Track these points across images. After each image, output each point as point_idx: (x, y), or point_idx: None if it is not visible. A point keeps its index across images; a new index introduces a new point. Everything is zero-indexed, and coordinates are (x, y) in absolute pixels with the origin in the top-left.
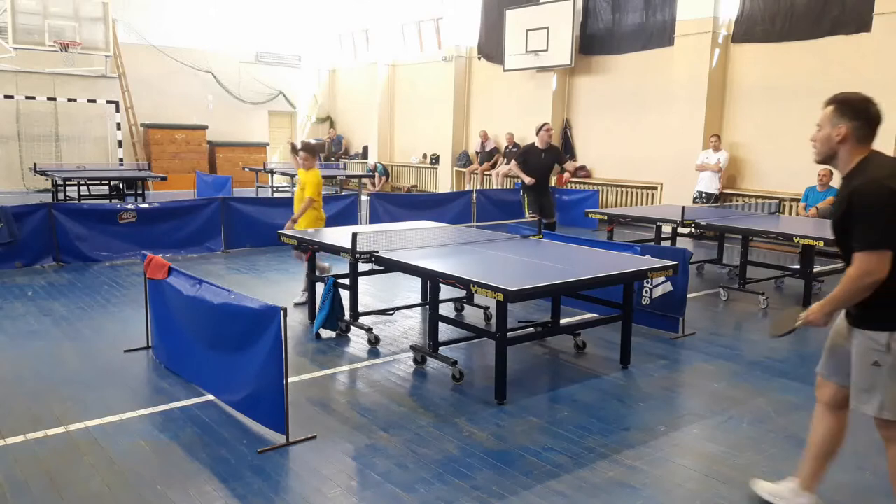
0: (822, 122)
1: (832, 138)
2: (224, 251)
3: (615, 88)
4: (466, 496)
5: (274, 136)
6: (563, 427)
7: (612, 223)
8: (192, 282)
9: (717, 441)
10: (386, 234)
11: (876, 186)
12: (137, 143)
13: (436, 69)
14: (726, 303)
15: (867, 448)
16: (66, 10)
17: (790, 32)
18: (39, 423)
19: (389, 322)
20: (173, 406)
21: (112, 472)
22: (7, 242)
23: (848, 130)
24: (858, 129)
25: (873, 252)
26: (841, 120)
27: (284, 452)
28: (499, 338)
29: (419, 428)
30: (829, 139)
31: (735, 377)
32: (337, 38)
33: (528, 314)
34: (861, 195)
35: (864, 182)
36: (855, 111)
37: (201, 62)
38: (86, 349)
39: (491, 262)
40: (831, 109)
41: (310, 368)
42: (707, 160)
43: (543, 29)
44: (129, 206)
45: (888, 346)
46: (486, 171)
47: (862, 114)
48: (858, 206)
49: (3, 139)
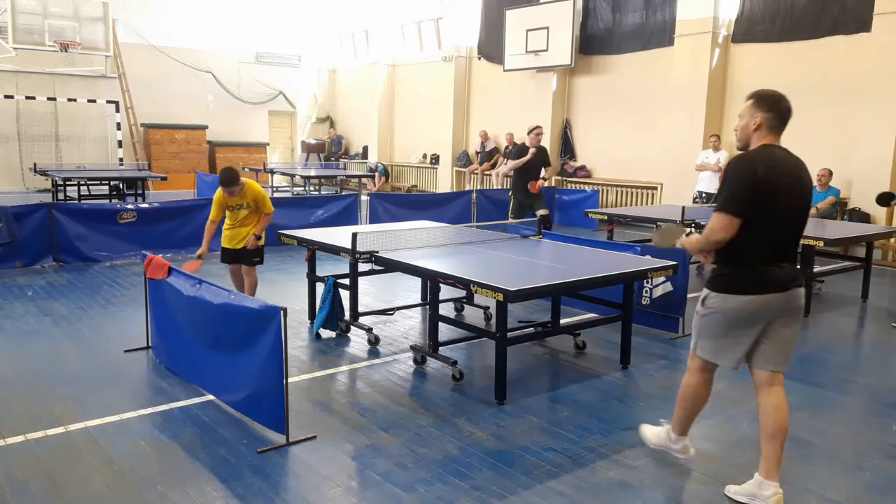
0: (743, 112)
1: (749, 127)
2: None
3: (615, 88)
4: (466, 496)
5: (274, 136)
6: (563, 427)
7: (612, 223)
8: (192, 282)
9: (717, 441)
10: (386, 234)
11: (741, 160)
12: (137, 143)
13: (436, 69)
14: None
15: (867, 448)
16: (66, 10)
17: (790, 32)
18: (39, 423)
19: (389, 322)
20: (173, 406)
21: (112, 472)
22: (7, 242)
23: (762, 120)
24: (770, 119)
25: (722, 214)
26: (758, 111)
27: (284, 452)
28: (499, 338)
29: (419, 428)
30: (747, 128)
31: (735, 377)
32: (337, 38)
33: (528, 314)
34: (729, 164)
35: (737, 156)
36: (769, 105)
37: (201, 62)
38: (86, 349)
39: (491, 262)
40: (751, 103)
41: (310, 368)
42: (707, 160)
43: (543, 29)
44: (129, 206)
45: (704, 300)
46: (486, 172)
47: (775, 107)
48: (724, 174)
49: (3, 139)
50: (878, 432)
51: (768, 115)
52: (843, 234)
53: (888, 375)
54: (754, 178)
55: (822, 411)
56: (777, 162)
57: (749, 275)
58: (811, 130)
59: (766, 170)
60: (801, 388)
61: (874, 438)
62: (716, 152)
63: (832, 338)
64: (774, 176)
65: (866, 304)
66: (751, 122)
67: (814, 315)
